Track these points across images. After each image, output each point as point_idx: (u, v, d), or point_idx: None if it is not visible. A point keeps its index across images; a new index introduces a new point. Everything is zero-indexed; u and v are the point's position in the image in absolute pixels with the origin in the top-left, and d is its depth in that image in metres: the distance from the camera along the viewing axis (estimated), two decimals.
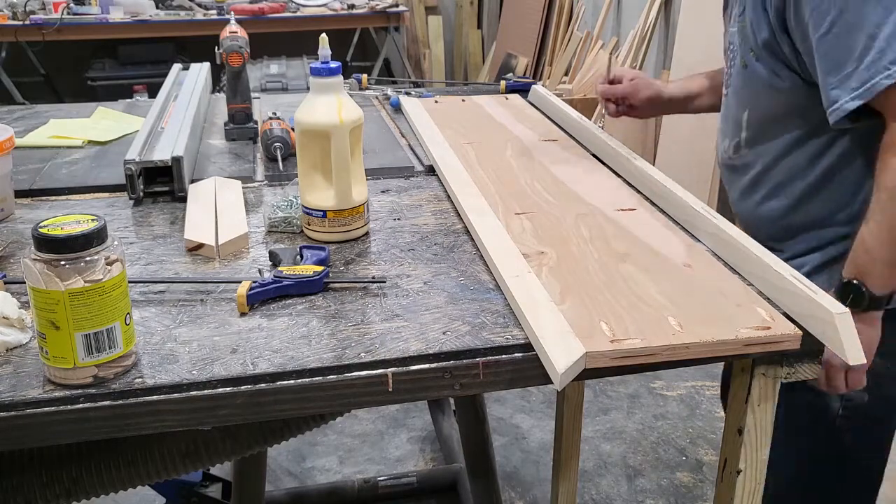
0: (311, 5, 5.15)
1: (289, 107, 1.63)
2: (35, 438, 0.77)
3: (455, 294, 0.96)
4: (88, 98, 4.77)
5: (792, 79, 1.16)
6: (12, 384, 0.77)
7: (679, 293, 0.93)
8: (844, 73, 1.04)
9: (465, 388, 0.84)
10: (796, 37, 1.11)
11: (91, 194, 1.30)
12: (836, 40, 1.03)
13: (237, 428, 1.01)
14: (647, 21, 3.69)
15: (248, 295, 0.92)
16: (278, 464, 2.28)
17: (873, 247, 1.06)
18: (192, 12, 4.90)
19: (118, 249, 0.78)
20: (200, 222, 1.13)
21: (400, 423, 2.48)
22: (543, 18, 4.89)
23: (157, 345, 0.85)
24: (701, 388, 2.63)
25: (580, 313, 0.88)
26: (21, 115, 1.79)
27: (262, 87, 4.28)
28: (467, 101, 1.81)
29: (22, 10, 4.64)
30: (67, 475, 0.98)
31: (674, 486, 2.20)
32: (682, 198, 1.16)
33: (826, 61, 1.06)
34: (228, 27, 1.52)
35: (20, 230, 1.16)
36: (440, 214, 1.21)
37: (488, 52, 5.75)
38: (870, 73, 1.01)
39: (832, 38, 1.04)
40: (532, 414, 2.53)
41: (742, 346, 0.85)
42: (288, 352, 0.84)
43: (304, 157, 1.11)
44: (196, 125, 1.50)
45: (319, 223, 1.11)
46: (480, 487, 1.80)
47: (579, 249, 1.05)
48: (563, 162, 1.40)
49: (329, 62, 1.08)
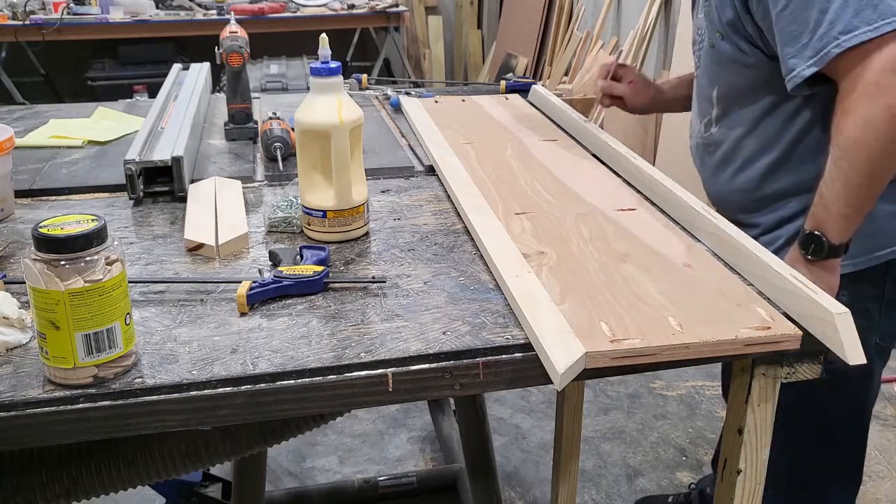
0: (311, 5, 5.16)
1: (289, 107, 1.63)
2: (35, 438, 0.77)
3: (455, 294, 0.96)
4: (88, 98, 4.77)
5: (756, 54, 1.26)
6: (12, 384, 0.78)
7: (679, 293, 0.93)
8: (801, 43, 1.14)
9: (465, 388, 0.84)
10: (757, 15, 1.21)
11: (91, 194, 1.30)
12: (792, 15, 1.15)
13: (237, 428, 1.01)
14: (647, 21, 3.70)
15: (248, 295, 0.92)
16: (278, 464, 2.28)
17: (830, 200, 1.16)
18: (192, 12, 4.90)
19: (118, 249, 0.78)
20: (200, 222, 1.13)
21: (400, 423, 2.48)
22: (543, 18, 4.89)
23: (157, 345, 0.85)
24: (701, 388, 2.63)
25: (580, 313, 0.88)
26: (21, 115, 1.79)
27: (262, 87, 4.28)
28: (467, 101, 1.81)
29: (22, 10, 4.64)
30: (67, 475, 0.98)
31: (674, 486, 2.20)
32: (682, 198, 1.16)
33: (784, 34, 1.17)
34: (228, 27, 1.52)
35: (20, 230, 1.16)
36: (440, 214, 1.21)
37: (488, 52, 5.75)
38: (822, 42, 1.12)
39: (788, 13, 1.15)
40: (532, 414, 2.53)
41: (742, 346, 0.85)
42: (288, 352, 0.84)
43: (304, 157, 1.11)
44: (196, 125, 1.50)
45: (319, 223, 1.11)
46: (480, 487, 1.80)
47: (579, 249, 1.05)
48: (563, 162, 1.40)
49: (329, 62, 1.08)
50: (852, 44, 1.09)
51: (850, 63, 1.11)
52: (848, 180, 1.14)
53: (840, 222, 1.17)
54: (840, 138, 1.14)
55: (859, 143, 1.12)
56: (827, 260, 1.19)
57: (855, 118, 1.11)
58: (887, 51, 1.08)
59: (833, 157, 1.15)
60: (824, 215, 1.18)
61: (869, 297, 1.32)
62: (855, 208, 1.16)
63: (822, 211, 1.18)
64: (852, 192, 1.15)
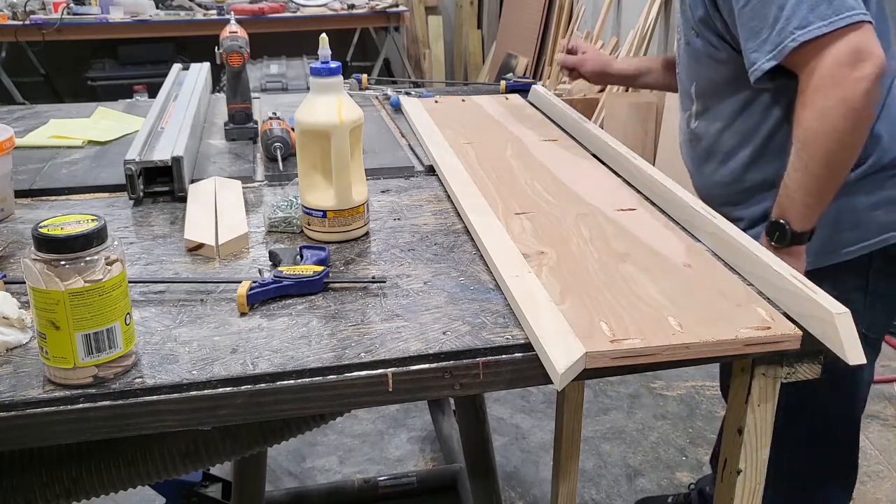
0: (311, 5, 5.16)
1: (289, 107, 1.63)
2: (35, 438, 0.77)
3: (455, 294, 0.96)
4: (88, 98, 4.77)
5: (727, 49, 1.31)
6: (12, 384, 0.78)
7: (679, 293, 0.93)
8: (761, 38, 1.20)
9: (465, 388, 0.84)
10: (724, 11, 1.27)
11: (91, 194, 1.30)
12: (753, 11, 1.20)
13: (237, 428, 1.01)
14: (647, 21, 3.70)
15: (248, 295, 0.92)
16: (278, 464, 2.28)
17: (792, 189, 1.22)
18: (192, 12, 4.90)
19: (118, 249, 0.78)
20: (200, 222, 1.13)
21: (400, 423, 2.48)
22: (543, 18, 4.89)
23: (157, 345, 0.85)
24: (701, 388, 2.63)
25: (580, 313, 0.88)
26: (21, 115, 1.79)
27: (262, 87, 4.29)
28: (467, 101, 1.81)
29: (22, 10, 4.65)
30: (67, 475, 0.98)
31: (674, 486, 2.20)
32: (682, 198, 1.16)
33: (746, 29, 1.22)
34: (228, 27, 1.51)
35: (20, 230, 1.16)
36: (440, 214, 1.21)
37: (488, 52, 5.75)
38: (780, 37, 1.17)
39: (750, 10, 1.21)
40: (532, 414, 2.53)
41: (742, 346, 0.85)
42: (288, 352, 0.84)
43: (304, 157, 1.11)
44: (196, 125, 1.50)
45: (319, 223, 1.11)
46: (480, 487, 1.80)
47: (579, 249, 1.05)
48: (563, 162, 1.40)
49: (329, 62, 1.08)
50: (807, 38, 1.14)
51: (806, 56, 1.16)
52: (808, 170, 1.18)
53: (802, 211, 1.21)
54: (799, 130, 1.19)
55: (817, 134, 1.16)
56: (791, 247, 1.24)
57: (812, 110, 1.16)
58: (840, 45, 1.13)
59: (795, 148, 1.20)
60: (788, 204, 1.22)
61: (853, 287, 1.35)
62: (816, 197, 1.20)
63: (786, 200, 1.23)
64: (813, 182, 1.19)
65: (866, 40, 1.13)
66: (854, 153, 1.19)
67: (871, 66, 1.12)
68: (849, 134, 1.15)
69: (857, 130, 1.16)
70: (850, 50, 1.13)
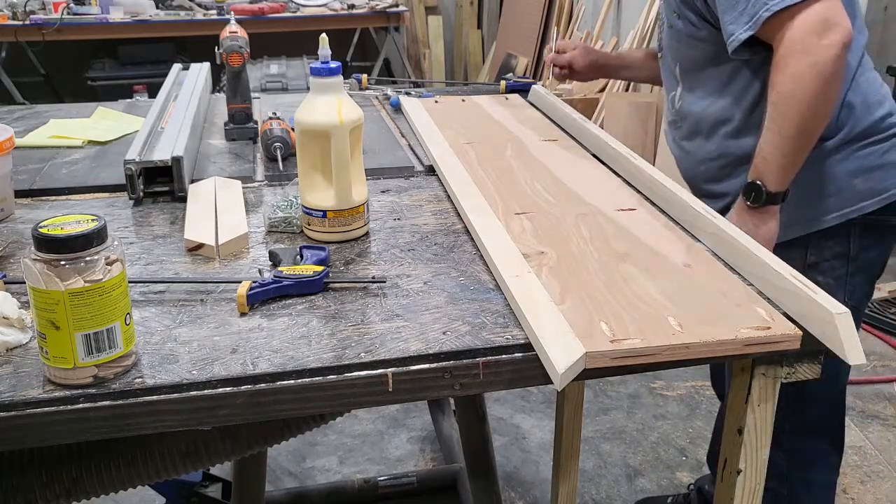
0: (311, 5, 5.16)
1: (289, 107, 1.63)
2: (35, 438, 0.77)
3: (455, 294, 0.96)
4: (88, 98, 4.77)
5: (707, 28, 1.38)
6: (12, 384, 0.78)
7: (679, 293, 0.93)
8: (738, 11, 1.27)
9: (465, 388, 0.84)
10: None
11: (91, 194, 1.30)
12: None
13: (237, 428, 1.01)
14: (647, 21, 3.70)
15: (248, 295, 0.92)
16: (278, 464, 2.28)
17: (767, 151, 1.28)
18: (192, 12, 4.90)
19: (118, 249, 0.78)
20: (200, 222, 1.13)
21: (400, 423, 2.48)
22: (543, 18, 4.89)
23: (157, 345, 0.85)
24: (701, 388, 2.63)
25: (580, 313, 0.88)
26: (21, 115, 1.79)
27: (262, 87, 4.28)
28: (467, 101, 1.81)
29: (22, 10, 4.65)
30: (67, 475, 0.98)
31: (674, 486, 2.20)
32: (682, 198, 1.16)
33: (723, 3, 1.29)
34: (228, 27, 1.51)
35: (20, 230, 1.16)
36: (440, 214, 1.21)
37: (488, 52, 5.75)
38: (755, 8, 1.24)
39: None
40: (532, 414, 2.53)
41: (742, 346, 0.85)
42: (288, 352, 0.84)
43: (304, 157, 1.11)
44: (196, 125, 1.50)
45: (319, 223, 1.11)
46: (480, 487, 1.80)
47: (579, 249, 1.05)
48: (563, 162, 1.40)
49: (329, 62, 1.08)
50: (780, 7, 1.22)
51: (779, 25, 1.23)
52: (782, 132, 1.25)
53: (777, 172, 1.28)
54: (773, 93, 1.26)
55: (790, 97, 1.23)
56: (766, 206, 1.30)
57: (784, 75, 1.23)
58: (810, 14, 1.20)
59: (769, 112, 1.27)
60: (763, 166, 1.29)
61: (836, 254, 1.41)
62: (790, 159, 1.27)
63: (762, 162, 1.29)
64: (787, 144, 1.25)
65: (834, 11, 1.20)
66: (824, 116, 1.25)
67: (838, 34, 1.19)
68: (819, 97, 1.21)
69: (826, 94, 1.22)
70: (819, 19, 1.20)
